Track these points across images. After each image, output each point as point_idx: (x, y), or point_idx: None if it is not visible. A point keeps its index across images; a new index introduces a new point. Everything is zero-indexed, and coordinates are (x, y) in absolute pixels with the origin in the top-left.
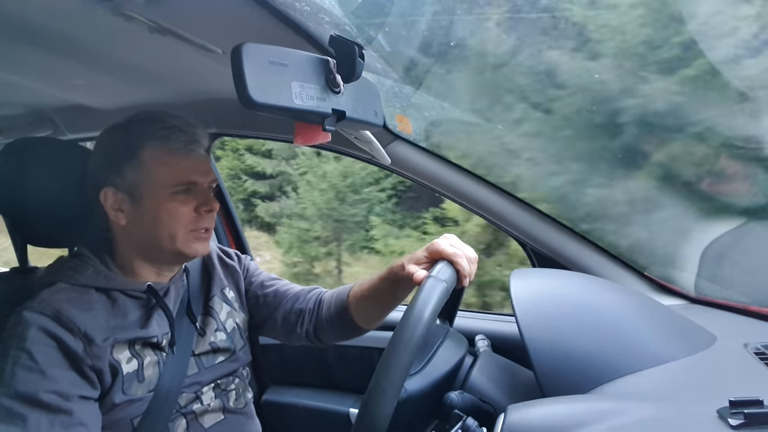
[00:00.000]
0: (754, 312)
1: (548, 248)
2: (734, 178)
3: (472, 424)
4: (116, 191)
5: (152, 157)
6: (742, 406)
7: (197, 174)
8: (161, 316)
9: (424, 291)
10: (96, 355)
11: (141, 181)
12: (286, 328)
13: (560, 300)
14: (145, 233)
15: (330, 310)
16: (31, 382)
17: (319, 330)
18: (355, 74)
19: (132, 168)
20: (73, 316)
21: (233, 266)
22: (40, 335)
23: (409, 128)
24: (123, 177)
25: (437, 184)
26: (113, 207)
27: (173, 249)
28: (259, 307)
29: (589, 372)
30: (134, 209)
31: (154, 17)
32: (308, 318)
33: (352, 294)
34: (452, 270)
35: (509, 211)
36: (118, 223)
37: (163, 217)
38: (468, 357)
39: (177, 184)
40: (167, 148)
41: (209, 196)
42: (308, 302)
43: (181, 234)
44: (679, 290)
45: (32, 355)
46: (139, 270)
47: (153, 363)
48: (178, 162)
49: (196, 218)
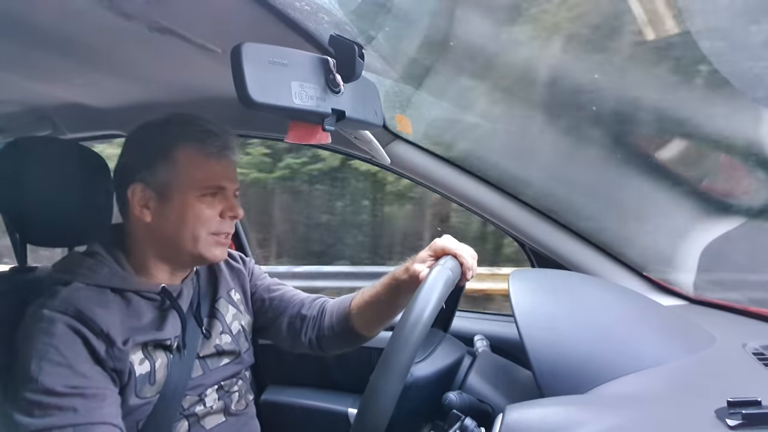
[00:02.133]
0: (753, 313)
1: (547, 248)
2: (734, 176)
3: (470, 424)
4: (145, 187)
5: (186, 158)
6: (740, 406)
7: (226, 179)
8: (174, 317)
9: (430, 277)
10: (117, 357)
11: (172, 181)
12: (290, 333)
13: (559, 300)
14: (169, 232)
15: (332, 319)
16: (60, 375)
17: (321, 338)
18: (354, 74)
19: (165, 166)
20: (95, 315)
21: (239, 268)
22: (67, 332)
23: (409, 128)
24: (154, 174)
25: (437, 184)
26: (140, 203)
27: (194, 251)
28: (264, 311)
29: (588, 372)
30: (161, 207)
31: (154, 17)
32: (311, 326)
33: (354, 302)
34: (456, 263)
35: (508, 210)
36: (142, 219)
37: (189, 217)
38: (467, 357)
39: (207, 187)
40: (202, 151)
41: (234, 202)
42: (313, 309)
43: (203, 236)
44: (679, 290)
45: (60, 350)
46: (153, 269)
47: (164, 365)
48: (211, 166)
49: (219, 223)
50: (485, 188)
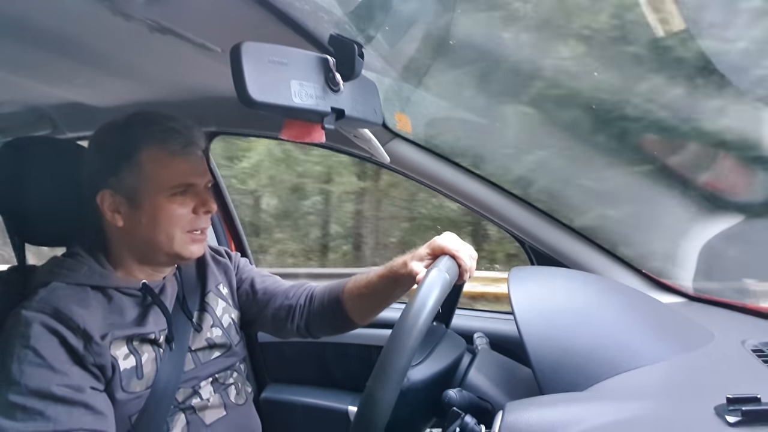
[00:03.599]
0: (752, 309)
1: (546, 246)
2: (733, 174)
3: (470, 422)
4: (114, 194)
5: (150, 159)
6: (739, 403)
7: (195, 176)
8: (157, 312)
9: (426, 282)
10: (97, 352)
11: (139, 185)
12: (276, 323)
13: (558, 298)
14: (142, 235)
15: (323, 305)
16: (41, 377)
17: (311, 325)
18: (354, 73)
19: (130, 171)
20: (72, 313)
21: (225, 263)
22: (43, 332)
23: (408, 126)
24: (121, 180)
25: (436, 182)
26: (110, 209)
27: (170, 251)
28: (249, 304)
29: (587, 369)
30: (132, 211)
31: (154, 16)
32: (299, 313)
33: (347, 290)
34: (454, 264)
35: (507, 208)
36: (114, 224)
37: (162, 219)
38: (466, 355)
39: (175, 186)
40: (165, 150)
41: (207, 197)
42: (298, 298)
43: (178, 236)
44: (678, 288)
45: (38, 352)
46: (133, 269)
47: (151, 359)
48: (176, 164)
49: (193, 219)
50: (483, 186)
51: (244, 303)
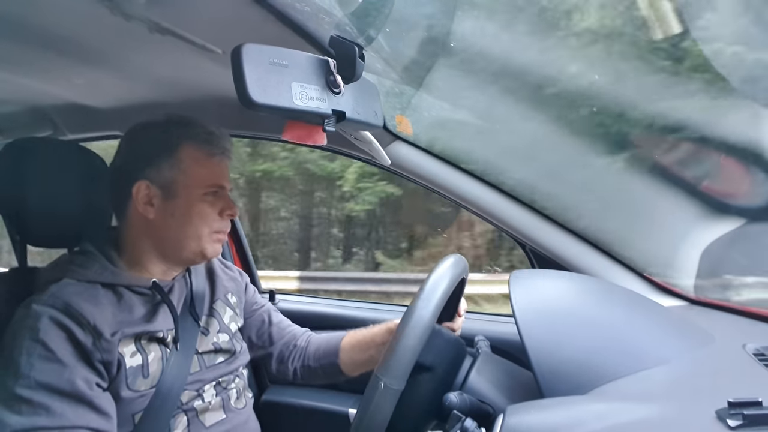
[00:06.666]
0: (753, 313)
1: (547, 249)
2: (734, 177)
3: (471, 425)
4: (150, 185)
5: (190, 157)
6: (741, 407)
7: (226, 179)
8: (166, 312)
9: (438, 269)
10: (105, 349)
11: (178, 178)
12: (278, 359)
13: (559, 301)
14: (172, 229)
15: (318, 352)
16: (50, 371)
17: (304, 368)
18: (355, 75)
19: (169, 164)
20: (82, 309)
21: (234, 276)
22: (52, 326)
23: (409, 129)
24: (160, 172)
25: (437, 185)
26: (144, 200)
27: (196, 248)
28: (261, 334)
29: (588, 373)
30: (166, 205)
31: (154, 17)
32: (298, 355)
33: (346, 342)
34: (462, 258)
35: (508, 211)
36: (145, 216)
37: (194, 215)
38: (467, 358)
39: (210, 186)
40: (205, 151)
41: (231, 201)
42: (301, 341)
43: (205, 234)
44: (679, 291)
45: (47, 346)
46: (147, 266)
47: (158, 359)
48: (213, 166)
49: (219, 221)
50: (484, 188)
51: (257, 332)
